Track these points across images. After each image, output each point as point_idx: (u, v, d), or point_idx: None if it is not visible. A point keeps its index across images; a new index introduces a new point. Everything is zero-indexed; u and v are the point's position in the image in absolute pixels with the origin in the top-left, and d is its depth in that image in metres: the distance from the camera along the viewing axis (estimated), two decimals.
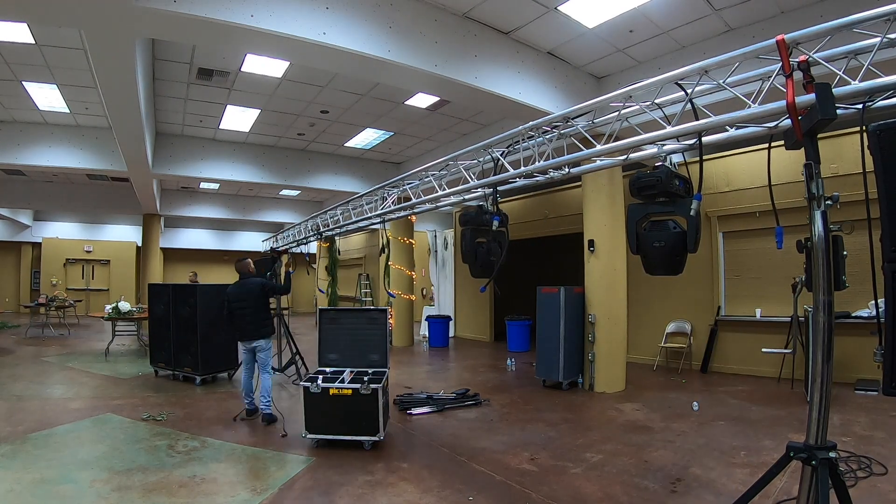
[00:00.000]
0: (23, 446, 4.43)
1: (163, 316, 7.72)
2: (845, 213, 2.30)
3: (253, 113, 8.66)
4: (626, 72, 6.59)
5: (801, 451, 2.14)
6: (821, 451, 2.09)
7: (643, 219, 3.06)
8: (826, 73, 2.36)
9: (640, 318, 8.63)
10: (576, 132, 3.77)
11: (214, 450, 4.49)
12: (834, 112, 2.06)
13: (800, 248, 2.30)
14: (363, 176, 11.63)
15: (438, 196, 5.03)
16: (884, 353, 1.99)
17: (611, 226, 6.97)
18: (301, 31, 4.47)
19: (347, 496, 3.59)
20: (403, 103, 8.09)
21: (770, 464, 2.31)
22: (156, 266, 14.08)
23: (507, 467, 4.13)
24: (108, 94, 5.90)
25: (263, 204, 16.55)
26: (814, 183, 2.13)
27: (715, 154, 8.20)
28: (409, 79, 5.66)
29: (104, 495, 3.49)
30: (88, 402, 6.04)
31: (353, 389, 4.50)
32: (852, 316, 6.42)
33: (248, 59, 6.46)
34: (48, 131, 9.01)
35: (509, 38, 5.94)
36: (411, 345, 11.92)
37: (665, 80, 3.04)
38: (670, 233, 2.98)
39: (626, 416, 5.74)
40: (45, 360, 8.84)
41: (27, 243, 19.04)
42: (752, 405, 5.95)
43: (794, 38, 2.31)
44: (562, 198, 10.58)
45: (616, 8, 5.21)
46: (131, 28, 4.33)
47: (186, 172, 10.18)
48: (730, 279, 8.15)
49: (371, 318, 5.36)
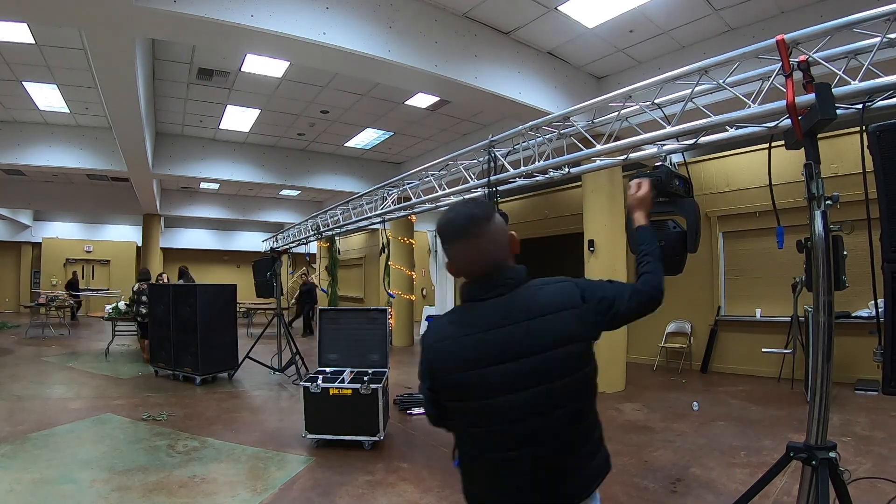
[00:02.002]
0: (23, 446, 4.43)
1: (163, 316, 7.72)
2: (845, 213, 2.29)
3: (253, 113, 8.67)
4: (626, 72, 6.59)
5: (801, 451, 2.13)
6: (821, 451, 2.09)
7: None
8: (826, 73, 2.36)
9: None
10: (576, 132, 3.77)
11: (214, 450, 4.49)
12: (834, 112, 2.05)
13: (800, 248, 2.30)
14: (363, 176, 11.63)
15: (438, 196, 5.03)
16: (884, 353, 1.99)
17: (611, 226, 6.97)
18: (301, 31, 4.47)
19: (347, 496, 3.59)
20: (403, 103, 8.09)
21: (770, 464, 2.31)
22: (156, 266, 14.05)
23: None
24: (108, 94, 5.90)
25: (263, 204, 16.56)
26: (814, 183, 2.13)
27: (715, 154, 8.20)
28: (409, 79, 5.66)
29: (104, 495, 3.49)
30: (88, 402, 6.03)
31: (353, 389, 4.50)
32: (852, 316, 6.41)
33: (248, 59, 6.46)
34: (48, 131, 9.01)
35: (509, 38, 5.94)
36: (411, 345, 11.91)
37: (665, 80, 3.04)
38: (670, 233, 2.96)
39: (626, 416, 5.74)
40: (45, 360, 8.84)
41: (27, 243, 19.04)
42: (752, 405, 5.95)
43: (794, 38, 2.31)
44: (562, 198, 10.57)
45: (616, 8, 5.21)
46: (131, 28, 4.33)
47: (186, 172, 10.18)
48: (730, 279, 8.15)
49: (371, 318, 5.36)
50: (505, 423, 1.34)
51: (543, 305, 1.35)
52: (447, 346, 1.41)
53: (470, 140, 8.88)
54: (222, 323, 7.58)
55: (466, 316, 1.41)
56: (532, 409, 1.32)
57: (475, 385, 1.35)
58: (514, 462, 1.35)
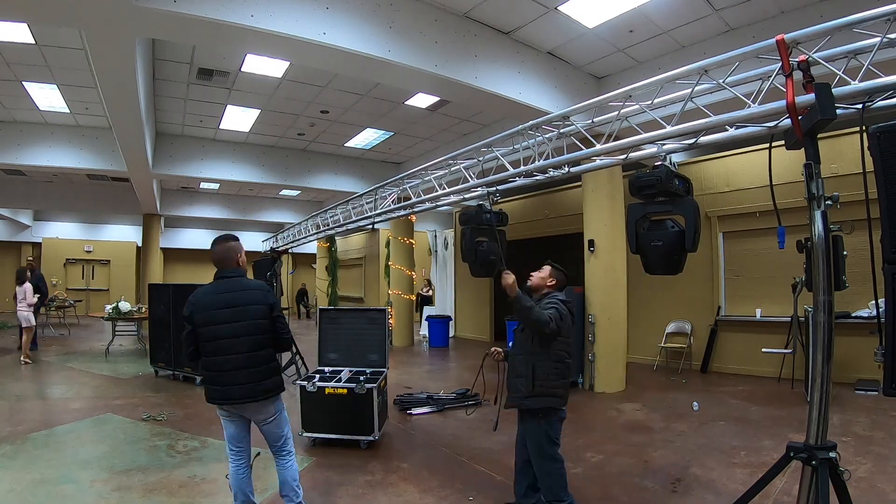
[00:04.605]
0: (23, 446, 4.43)
1: (163, 316, 7.72)
2: (845, 213, 2.29)
3: (253, 113, 8.66)
4: (626, 72, 6.59)
5: (801, 451, 2.13)
6: (821, 451, 2.09)
7: (643, 218, 3.06)
8: (826, 73, 2.36)
9: (640, 318, 8.63)
10: (576, 132, 3.77)
11: (214, 450, 4.48)
12: (834, 112, 2.06)
13: (800, 248, 2.30)
14: (363, 176, 11.63)
15: (438, 195, 5.03)
16: (884, 354, 1.99)
17: (611, 226, 6.98)
18: (301, 31, 4.47)
19: (347, 496, 3.59)
20: (403, 103, 8.09)
21: (770, 464, 2.31)
22: (156, 266, 14.08)
23: (507, 467, 4.11)
24: (108, 94, 5.90)
25: (263, 204, 16.56)
26: (814, 183, 2.13)
27: (715, 154, 8.21)
28: (409, 79, 5.66)
29: (104, 495, 3.49)
30: (89, 402, 6.04)
31: (349, 389, 4.51)
32: (852, 316, 6.41)
33: (248, 59, 6.46)
34: (48, 131, 9.01)
35: (509, 38, 5.94)
36: (411, 345, 11.92)
37: (665, 80, 3.04)
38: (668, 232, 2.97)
39: (627, 416, 5.74)
40: (46, 360, 8.84)
41: (27, 243, 19.02)
42: (752, 405, 5.95)
43: (794, 37, 2.31)
44: (562, 198, 10.57)
45: (616, 8, 5.21)
46: (131, 28, 4.33)
47: (186, 172, 10.18)
48: (730, 279, 8.15)
49: (371, 318, 5.36)
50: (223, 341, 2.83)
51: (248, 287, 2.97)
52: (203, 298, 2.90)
53: (470, 140, 8.88)
54: None
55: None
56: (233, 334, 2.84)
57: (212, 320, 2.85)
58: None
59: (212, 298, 2.87)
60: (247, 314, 2.86)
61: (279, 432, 3.03)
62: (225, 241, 3.00)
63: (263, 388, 2.86)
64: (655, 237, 2.99)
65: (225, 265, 2.97)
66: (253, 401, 2.85)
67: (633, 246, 3.11)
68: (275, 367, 2.97)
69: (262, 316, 2.90)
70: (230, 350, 2.81)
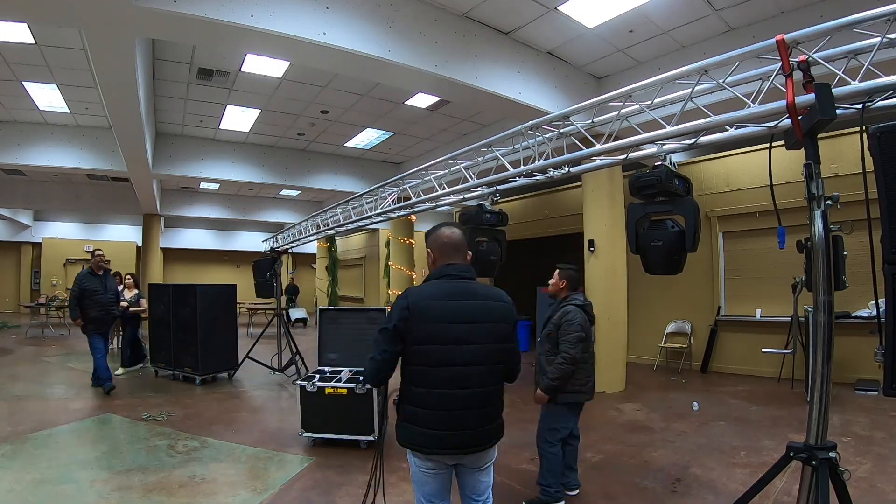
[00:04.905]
0: (23, 446, 4.43)
1: (163, 316, 7.72)
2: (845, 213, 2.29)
3: (253, 113, 8.66)
4: (626, 72, 6.59)
5: (801, 451, 2.13)
6: (821, 451, 2.09)
7: (643, 218, 3.06)
8: (826, 73, 2.36)
9: (640, 318, 8.63)
10: (575, 132, 3.77)
11: (214, 450, 4.49)
12: (834, 112, 2.05)
13: (800, 248, 2.30)
14: (363, 176, 11.63)
15: (438, 195, 5.03)
16: (884, 354, 1.98)
17: (611, 226, 6.97)
18: (301, 31, 4.47)
19: (347, 496, 3.60)
20: (403, 103, 8.09)
21: (770, 464, 2.31)
22: (156, 266, 14.07)
23: (507, 467, 4.12)
24: (108, 94, 5.89)
25: (263, 204, 16.56)
26: (814, 183, 2.13)
27: (715, 154, 8.21)
28: (409, 79, 5.66)
29: (104, 495, 3.49)
30: (88, 402, 6.04)
31: (349, 389, 4.51)
32: (852, 316, 6.41)
33: (248, 59, 6.46)
34: (48, 131, 9.01)
35: (509, 38, 5.93)
36: None
37: (665, 80, 3.04)
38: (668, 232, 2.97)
39: (627, 416, 5.73)
40: (45, 360, 8.85)
41: (27, 243, 19.03)
42: (752, 405, 5.95)
43: (794, 37, 2.31)
44: (562, 198, 10.57)
45: (616, 8, 5.21)
46: (131, 28, 4.33)
47: (186, 172, 10.18)
48: (730, 279, 8.15)
49: (371, 318, 5.36)
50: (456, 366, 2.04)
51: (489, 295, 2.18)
52: (428, 304, 2.04)
53: (470, 140, 8.88)
54: (222, 323, 7.59)
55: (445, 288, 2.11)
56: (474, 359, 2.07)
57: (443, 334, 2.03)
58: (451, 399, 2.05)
59: (441, 306, 2.03)
60: (489, 335, 2.08)
61: (488, 480, 2.29)
62: (456, 227, 2.25)
63: (490, 432, 2.15)
64: (655, 237, 2.98)
65: (456, 259, 2.15)
66: (479, 449, 2.13)
67: (633, 246, 3.11)
68: (502, 404, 2.22)
69: (505, 339, 2.14)
70: (462, 382, 2.03)
